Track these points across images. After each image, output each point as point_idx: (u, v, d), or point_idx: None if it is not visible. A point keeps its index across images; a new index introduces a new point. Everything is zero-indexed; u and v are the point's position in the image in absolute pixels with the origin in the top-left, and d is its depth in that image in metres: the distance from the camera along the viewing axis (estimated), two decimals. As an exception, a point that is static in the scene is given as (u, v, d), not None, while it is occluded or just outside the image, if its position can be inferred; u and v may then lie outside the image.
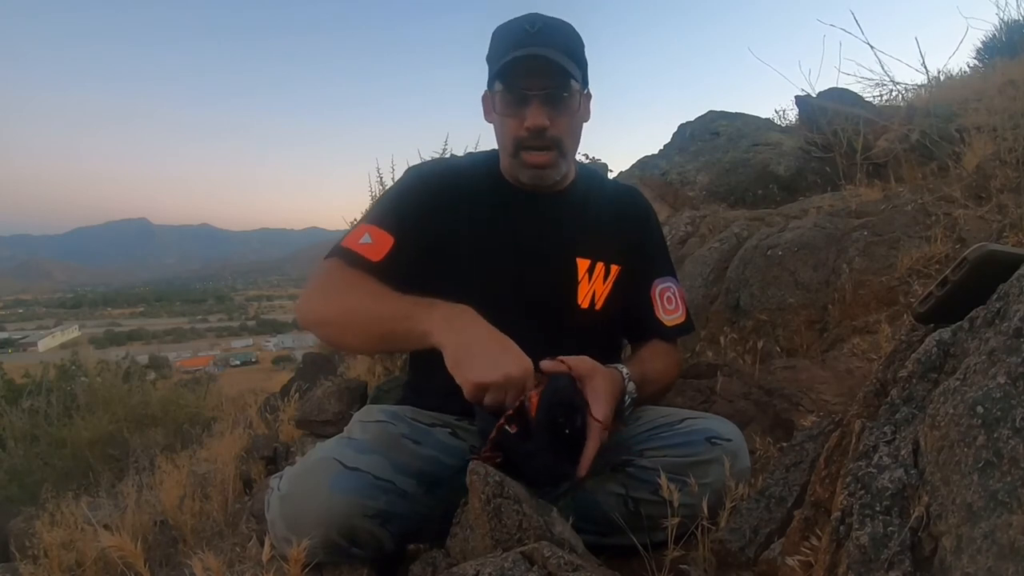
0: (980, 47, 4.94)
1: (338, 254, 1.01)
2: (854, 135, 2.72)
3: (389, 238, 1.01)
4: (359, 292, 0.97)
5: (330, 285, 1.01)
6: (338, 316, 0.99)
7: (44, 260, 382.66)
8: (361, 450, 0.93)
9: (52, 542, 1.53)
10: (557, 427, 0.83)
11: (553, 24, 1.01)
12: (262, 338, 62.49)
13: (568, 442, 0.85)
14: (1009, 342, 0.49)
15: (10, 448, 3.87)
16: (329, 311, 1.00)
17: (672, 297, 1.17)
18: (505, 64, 0.97)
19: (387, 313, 0.93)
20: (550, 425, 0.82)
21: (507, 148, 1.05)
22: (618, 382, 0.96)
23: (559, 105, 1.01)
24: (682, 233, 2.69)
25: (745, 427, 1.31)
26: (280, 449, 2.00)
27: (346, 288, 0.99)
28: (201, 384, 5.61)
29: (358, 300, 0.96)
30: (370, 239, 1.01)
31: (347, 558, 0.93)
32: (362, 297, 0.96)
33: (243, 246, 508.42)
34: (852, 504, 0.53)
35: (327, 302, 1.01)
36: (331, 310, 1.00)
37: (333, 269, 1.01)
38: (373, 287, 0.97)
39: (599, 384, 0.90)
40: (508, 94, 1.00)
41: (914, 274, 1.69)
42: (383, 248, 1.00)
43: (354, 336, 1.00)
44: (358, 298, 0.96)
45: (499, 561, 0.69)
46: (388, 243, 1.00)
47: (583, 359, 0.91)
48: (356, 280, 0.98)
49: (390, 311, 0.93)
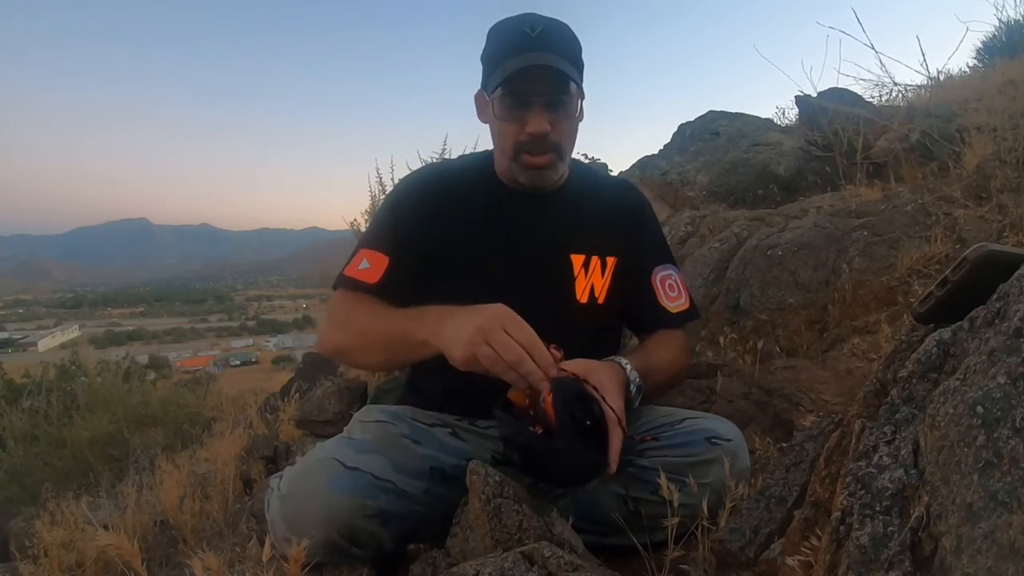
0: (980, 47, 4.94)
1: (342, 283, 1.07)
2: (854, 135, 2.72)
3: (384, 258, 1.06)
4: (363, 316, 1.03)
5: (339, 314, 1.07)
6: (350, 342, 1.06)
7: (44, 260, 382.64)
8: (361, 450, 0.93)
9: (52, 542, 1.53)
10: (577, 421, 0.84)
11: (552, 27, 1.00)
12: (262, 338, 62.52)
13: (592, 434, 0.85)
14: (1009, 342, 0.49)
15: (10, 448, 3.87)
16: (341, 339, 1.07)
17: (674, 284, 1.17)
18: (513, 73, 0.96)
19: (388, 330, 0.98)
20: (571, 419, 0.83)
21: (506, 151, 1.05)
22: (619, 373, 0.96)
23: (560, 110, 1.01)
24: (682, 233, 2.68)
25: (745, 427, 1.31)
26: (280, 449, 2.00)
27: (352, 314, 1.05)
28: (201, 384, 5.61)
29: (364, 323, 1.02)
30: (368, 264, 1.06)
31: (347, 558, 0.93)
32: (366, 320, 1.02)
33: (243, 246, 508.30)
34: (852, 504, 0.53)
35: (339, 331, 1.07)
36: (343, 338, 1.07)
37: (340, 299, 1.08)
38: (375, 308, 1.02)
39: (602, 378, 0.91)
40: (509, 99, 1.00)
41: (914, 274, 1.69)
42: (379, 269, 1.05)
43: (368, 357, 1.08)
44: (363, 322, 1.03)
45: (499, 561, 0.69)
46: (384, 264, 1.05)
47: (576, 361, 0.92)
48: (359, 305, 1.04)
49: (390, 328, 0.98)
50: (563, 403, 0.82)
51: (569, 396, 0.84)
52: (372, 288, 1.04)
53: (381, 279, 1.04)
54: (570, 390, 0.85)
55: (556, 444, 0.81)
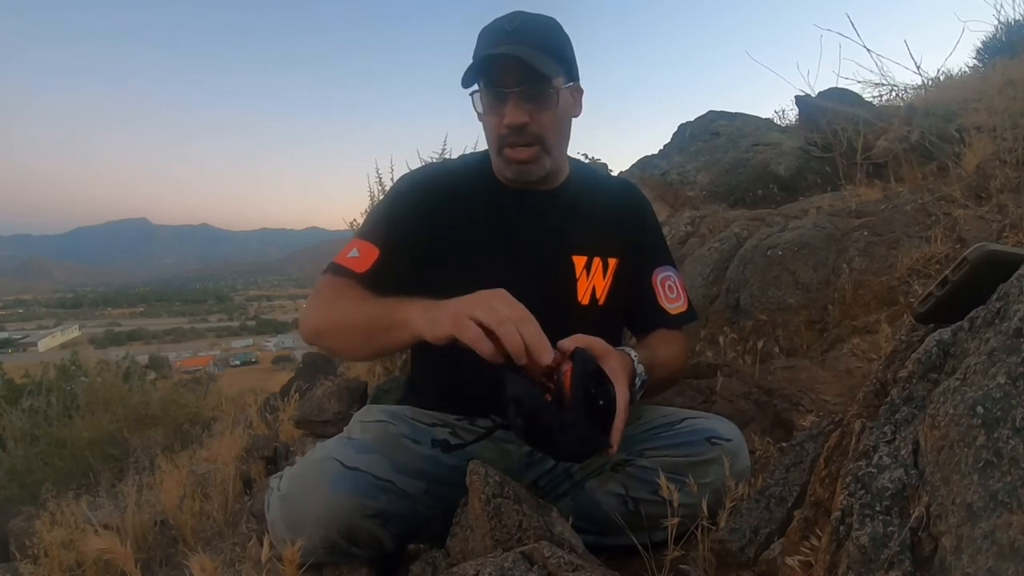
0: (980, 47, 4.93)
1: (330, 270, 1.05)
2: (854, 135, 2.72)
3: (375, 250, 1.04)
4: (345, 299, 1.00)
5: (320, 298, 1.04)
6: (327, 324, 1.02)
7: (44, 260, 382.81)
8: (361, 450, 0.93)
9: (52, 542, 1.53)
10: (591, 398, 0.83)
11: (533, 21, 1.01)
12: (262, 338, 62.51)
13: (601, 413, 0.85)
14: (1009, 342, 0.49)
15: (10, 448, 3.87)
16: (320, 321, 1.03)
17: (673, 286, 1.17)
18: (478, 63, 0.98)
19: (369, 311, 0.95)
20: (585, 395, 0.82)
21: (493, 146, 1.06)
22: (629, 364, 0.96)
23: (539, 101, 1.00)
24: (682, 233, 2.68)
25: (745, 427, 1.31)
26: (280, 449, 2.00)
27: (334, 298, 1.02)
28: (201, 384, 5.61)
29: (343, 306, 1.00)
30: (357, 253, 1.04)
31: (347, 558, 0.93)
32: (347, 303, 0.99)
33: (243, 246, 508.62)
34: (852, 504, 0.53)
35: (317, 313, 1.04)
36: (321, 320, 1.03)
37: (324, 283, 1.05)
38: (358, 293, 1.00)
39: (615, 364, 0.90)
40: (487, 92, 1.01)
41: (914, 274, 1.69)
42: (369, 260, 1.03)
43: (344, 339, 1.01)
44: (343, 304, 1.00)
45: (499, 561, 0.69)
46: (374, 255, 1.03)
47: (598, 340, 0.91)
48: (343, 290, 1.01)
49: (371, 310, 0.95)
50: (582, 377, 0.82)
51: (588, 371, 0.84)
52: (359, 276, 1.02)
53: (369, 270, 1.02)
54: (590, 365, 0.85)
55: (566, 416, 0.81)
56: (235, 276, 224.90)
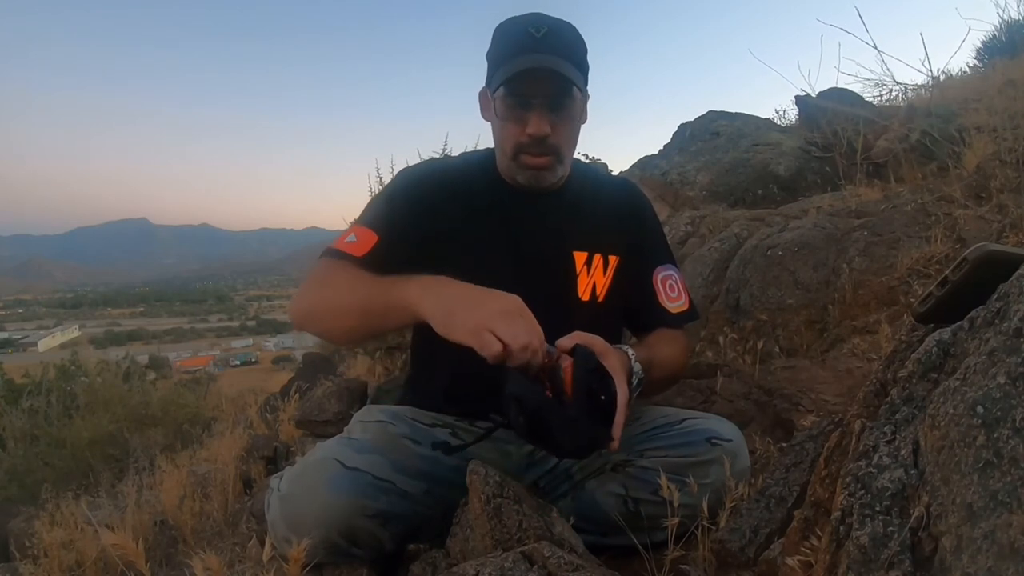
0: (980, 47, 4.94)
1: (326, 254, 1.05)
2: (854, 135, 2.73)
3: (373, 236, 1.03)
4: (339, 280, 1.00)
5: (314, 279, 1.04)
6: (320, 304, 1.02)
7: (44, 260, 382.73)
8: (361, 450, 0.93)
9: (52, 542, 1.53)
10: (592, 394, 0.83)
11: (558, 28, 1.00)
12: (262, 338, 62.48)
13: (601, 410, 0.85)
14: (1009, 342, 0.49)
15: (10, 448, 3.87)
16: (311, 302, 1.03)
17: (674, 285, 1.17)
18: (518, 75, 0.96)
19: (365, 291, 0.95)
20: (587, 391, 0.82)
21: (506, 151, 1.05)
22: (626, 362, 0.96)
23: (561, 113, 1.01)
24: (682, 233, 2.68)
25: (745, 427, 1.31)
26: (280, 449, 2.00)
27: (328, 279, 1.02)
28: (201, 384, 5.61)
29: (338, 285, 0.99)
30: (355, 238, 1.03)
31: (347, 558, 0.93)
32: (342, 283, 0.99)
33: (243, 246, 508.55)
34: (852, 504, 0.53)
35: (310, 294, 1.04)
36: (313, 301, 1.03)
37: (321, 266, 1.04)
38: (353, 273, 0.99)
39: (613, 361, 0.90)
40: (510, 99, 1.00)
41: (914, 274, 1.69)
42: (367, 245, 1.02)
43: (337, 319, 1.00)
44: (338, 284, 1.00)
45: (499, 561, 0.69)
46: (372, 240, 1.03)
47: (597, 337, 0.91)
48: (340, 271, 1.01)
49: (368, 289, 0.95)
50: (584, 373, 0.82)
51: (590, 367, 0.84)
52: (357, 260, 1.01)
53: (367, 254, 1.01)
54: (591, 362, 0.85)
55: (568, 412, 0.81)
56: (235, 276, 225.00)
